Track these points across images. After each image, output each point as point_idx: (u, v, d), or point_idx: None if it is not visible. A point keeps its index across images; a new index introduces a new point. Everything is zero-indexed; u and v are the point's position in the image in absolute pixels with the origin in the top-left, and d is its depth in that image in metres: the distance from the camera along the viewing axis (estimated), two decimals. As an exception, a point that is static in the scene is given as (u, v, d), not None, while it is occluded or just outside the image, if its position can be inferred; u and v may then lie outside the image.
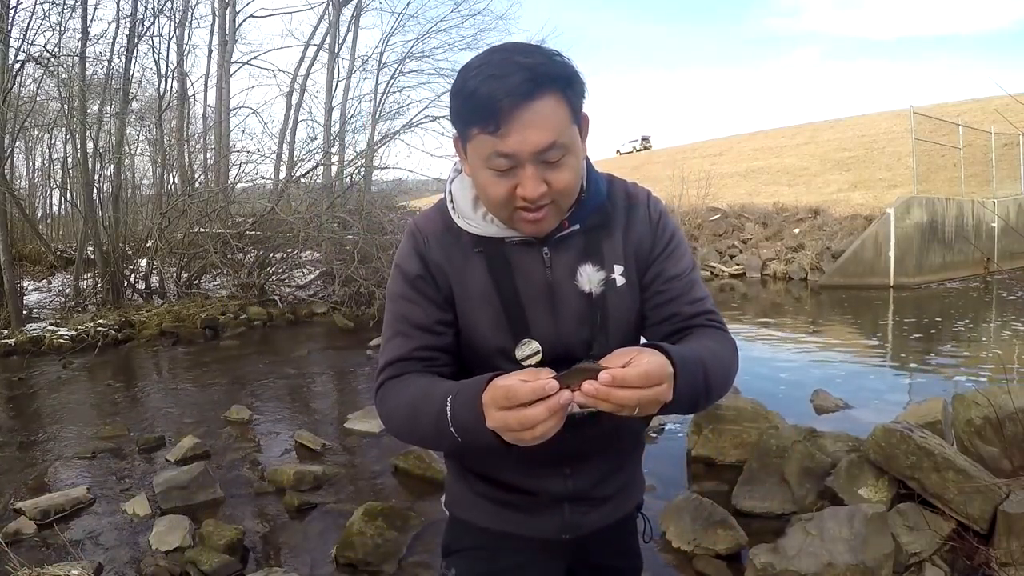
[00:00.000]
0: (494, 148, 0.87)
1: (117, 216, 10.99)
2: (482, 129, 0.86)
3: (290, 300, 10.49)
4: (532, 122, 0.85)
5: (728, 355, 0.98)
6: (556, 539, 1.07)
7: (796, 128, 27.69)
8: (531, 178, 0.87)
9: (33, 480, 3.78)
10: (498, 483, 1.08)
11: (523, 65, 0.85)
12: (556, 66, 0.87)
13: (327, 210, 10.79)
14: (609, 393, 0.74)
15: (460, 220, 1.00)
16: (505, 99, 0.84)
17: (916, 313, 9.47)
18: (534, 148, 0.86)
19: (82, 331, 7.98)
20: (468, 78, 0.87)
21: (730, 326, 1.06)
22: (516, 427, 0.75)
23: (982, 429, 3.00)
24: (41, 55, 9.91)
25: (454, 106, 0.91)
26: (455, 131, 0.95)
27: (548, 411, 0.73)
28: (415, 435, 0.96)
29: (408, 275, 1.01)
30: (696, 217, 17.52)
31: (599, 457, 1.07)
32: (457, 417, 0.84)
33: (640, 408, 0.76)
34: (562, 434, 0.84)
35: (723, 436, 3.70)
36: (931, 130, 13.91)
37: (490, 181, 0.90)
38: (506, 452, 0.89)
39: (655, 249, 1.02)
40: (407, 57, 16.68)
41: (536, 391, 0.74)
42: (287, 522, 3.22)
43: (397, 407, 0.96)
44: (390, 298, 1.05)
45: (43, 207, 20.14)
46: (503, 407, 0.76)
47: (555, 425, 0.75)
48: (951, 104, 20.86)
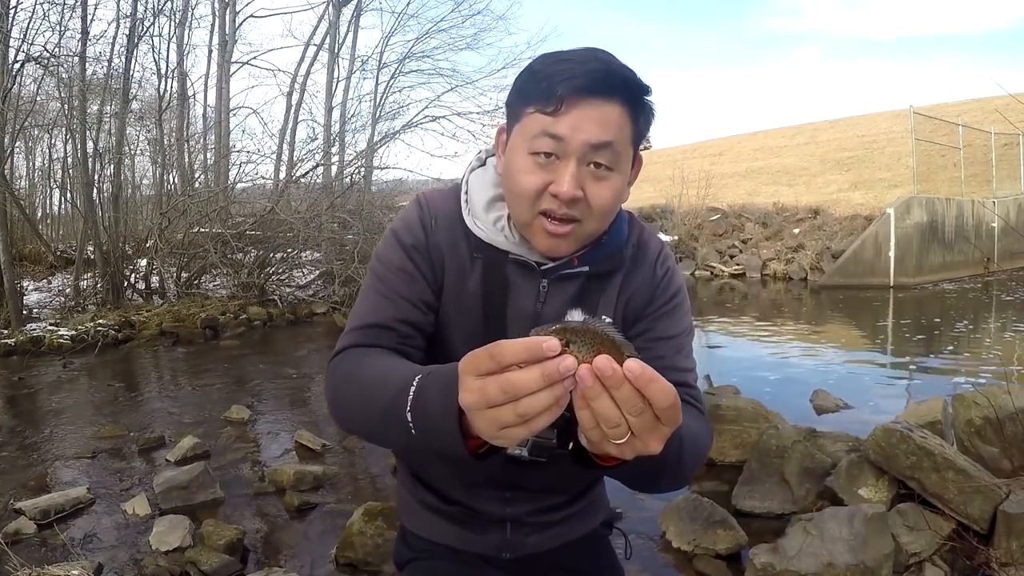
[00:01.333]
0: (544, 127, 0.79)
1: (117, 216, 10.98)
2: (540, 108, 0.80)
3: (290, 300, 10.48)
4: (593, 116, 0.79)
5: (704, 441, 0.86)
6: (497, 557, 1.01)
7: (796, 128, 27.67)
8: (571, 175, 0.80)
9: (33, 480, 3.78)
10: (441, 495, 1.01)
11: (604, 60, 0.80)
12: (636, 79, 0.82)
13: (327, 210, 10.79)
14: (624, 390, 0.55)
15: (469, 218, 0.91)
16: (574, 81, 0.78)
17: (916, 313, 9.47)
18: (587, 139, 0.79)
19: (82, 331, 7.97)
20: (542, 58, 0.82)
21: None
22: (497, 397, 0.56)
23: (982, 429, 3.00)
24: (41, 55, 9.90)
25: (516, 83, 0.84)
26: (505, 116, 0.88)
27: (544, 378, 0.54)
28: (357, 415, 0.80)
29: (405, 243, 0.91)
30: (696, 217, 17.51)
31: (543, 491, 0.99)
32: (420, 398, 0.68)
33: (631, 442, 0.59)
34: (501, 466, 0.76)
35: (723, 436, 3.70)
36: (931, 130, 13.92)
37: (525, 167, 0.82)
38: (451, 467, 0.82)
39: (651, 305, 0.94)
40: (407, 57, 16.69)
41: (531, 349, 0.55)
42: (287, 522, 3.22)
43: (352, 377, 0.82)
44: (377, 262, 0.93)
45: (43, 207, 20.11)
46: (483, 372, 0.57)
47: (549, 406, 0.56)
48: (951, 104, 20.86)
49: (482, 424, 0.59)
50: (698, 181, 18.59)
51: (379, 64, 16.82)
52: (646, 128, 0.85)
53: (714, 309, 10.59)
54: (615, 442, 0.59)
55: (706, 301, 11.64)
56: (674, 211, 17.95)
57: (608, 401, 0.56)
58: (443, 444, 0.67)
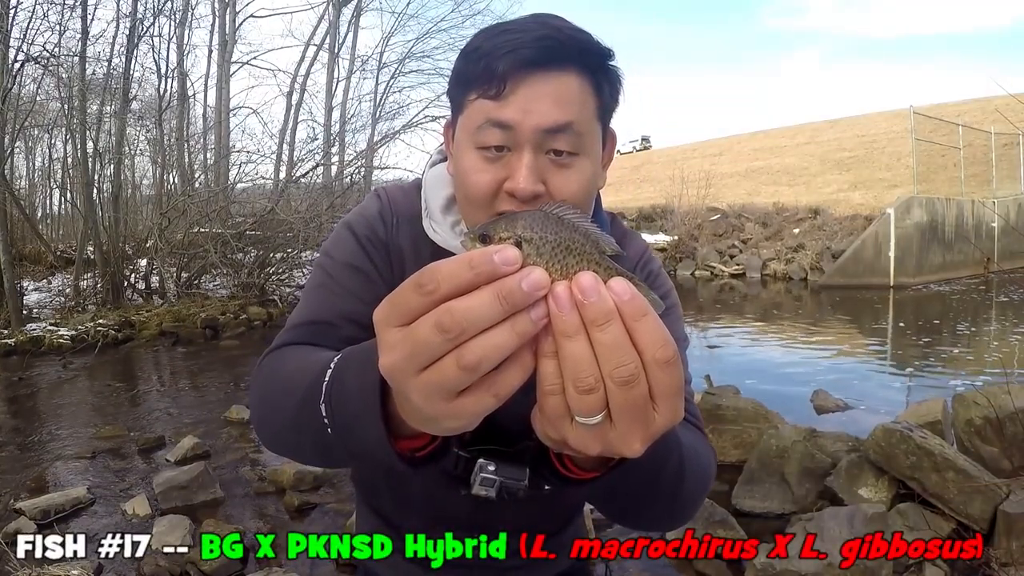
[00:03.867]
0: (488, 115, 0.66)
1: (117, 216, 11.00)
2: (481, 92, 0.66)
3: (290, 300, 10.47)
4: (544, 93, 0.65)
5: (708, 461, 0.72)
6: None
7: (796, 128, 27.68)
8: (527, 167, 0.65)
9: (33, 480, 3.77)
10: (398, 531, 0.86)
11: (552, 25, 0.66)
12: (593, 42, 0.68)
13: (327, 210, 10.79)
14: (611, 331, 0.39)
15: (427, 221, 0.79)
16: (517, 54, 0.64)
17: (916, 313, 9.47)
18: (540, 123, 0.65)
19: (82, 331, 7.97)
20: (481, 32, 0.69)
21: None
22: (431, 341, 0.38)
23: (982, 429, 3.00)
24: (41, 55, 9.90)
25: (455, 68, 0.70)
26: (450, 109, 0.75)
27: (499, 300, 0.38)
28: (274, 421, 0.64)
29: (359, 235, 0.79)
30: (696, 217, 17.52)
31: (516, 532, 0.85)
32: (336, 382, 0.53)
33: (602, 430, 0.42)
34: (466, 505, 0.64)
35: (723, 436, 3.70)
36: (931, 130, 13.92)
37: (474, 165, 0.68)
38: (406, 499, 0.71)
39: None
40: (407, 57, 16.77)
41: (478, 263, 0.38)
42: (287, 522, 3.22)
43: (273, 375, 0.67)
44: (325, 256, 0.80)
45: (43, 207, 20.17)
46: (410, 315, 0.39)
47: (510, 349, 0.39)
48: (951, 104, 20.86)
49: (416, 398, 0.40)
50: (698, 181, 18.61)
51: (379, 64, 16.90)
52: (614, 99, 0.72)
53: (714, 309, 10.59)
54: (581, 420, 0.41)
55: (706, 301, 11.64)
56: (674, 211, 17.97)
57: (585, 344, 0.39)
58: (364, 444, 0.50)
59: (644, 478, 0.56)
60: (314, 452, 0.61)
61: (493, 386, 0.40)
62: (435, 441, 0.54)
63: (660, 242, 16.27)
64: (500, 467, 0.67)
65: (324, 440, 0.54)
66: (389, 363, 0.40)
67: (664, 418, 0.42)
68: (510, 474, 0.67)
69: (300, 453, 0.64)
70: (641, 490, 0.59)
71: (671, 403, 0.42)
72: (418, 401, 0.41)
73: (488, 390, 0.40)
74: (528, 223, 0.41)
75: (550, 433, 0.45)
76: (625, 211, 19.93)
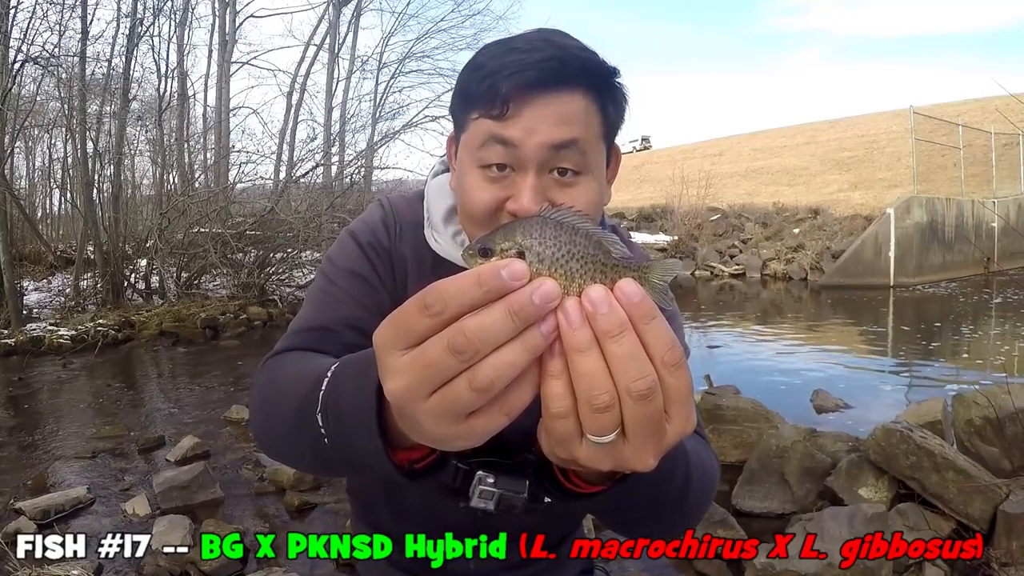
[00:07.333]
0: (491, 131, 0.66)
1: (117, 216, 11.00)
2: (484, 112, 0.66)
3: (290, 300, 10.48)
4: (548, 113, 0.65)
5: (713, 470, 0.72)
6: None
7: (796, 128, 27.68)
8: (531, 188, 0.65)
9: (33, 480, 3.77)
10: (396, 541, 0.85)
11: (556, 45, 0.66)
12: (598, 61, 0.68)
13: (327, 210, 10.80)
14: (626, 343, 0.38)
15: (428, 230, 0.80)
16: (522, 76, 0.64)
17: (916, 313, 9.47)
18: (544, 142, 0.65)
19: (82, 331, 7.97)
20: (486, 49, 0.69)
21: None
22: (445, 364, 0.37)
23: (982, 429, 3.00)
24: (41, 55, 9.90)
25: (459, 83, 0.71)
26: (453, 125, 0.75)
27: (511, 317, 0.37)
28: (273, 427, 0.64)
29: (362, 242, 0.80)
30: (696, 217, 17.52)
31: (513, 543, 0.84)
32: (332, 393, 0.53)
33: (615, 446, 0.40)
34: (464, 515, 0.63)
35: (723, 436, 3.70)
36: (931, 130, 13.93)
37: (475, 183, 0.68)
38: (404, 510, 0.71)
39: None
40: (407, 57, 16.78)
41: (486, 279, 0.37)
42: (287, 522, 3.22)
43: (271, 381, 0.68)
44: (328, 263, 0.81)
45: (43, 207, 20.15)
46: (416, 338, 0.39)
47: (522, 366, 0.38)
48: (951, 104, 20.85)
49: (427, 421, 0.39)
50: (698, 181, 18.61)
51: (379, 64, 16.92)
52: (619, 117, 0.72)
53: (714, 309, 10.59)
54: (593, 438, 0.40)
55: (706, 301, 11.64)
56: (674, 211, 17.97)
57: (598, 359, 0.38)
58: (361, 456, 0.50)
59: (650, 491, 0.56)
60: (314, 460, 0.60)
61: (504, 405, 0.39)
62: (434, 453, 0.54)
63: (660, 242, 16.27)
64: (499, 479, 0.67)
65: (322, 449, 0.55)
66: (397, 388, 0.39)
67: (677, 427, 0.41)
68: (509, 486, 0.67)
69: (300, 461, 0.64)
70: (646, 503, 0.58)
71: (683, 411, 0.41)
72: (428, 425, 0.40)
73: (500, 409, 0.39)
74: (526, 230, 0.40)
75: (559, 453, 0.44)
76: (625, 211, 19.94)
